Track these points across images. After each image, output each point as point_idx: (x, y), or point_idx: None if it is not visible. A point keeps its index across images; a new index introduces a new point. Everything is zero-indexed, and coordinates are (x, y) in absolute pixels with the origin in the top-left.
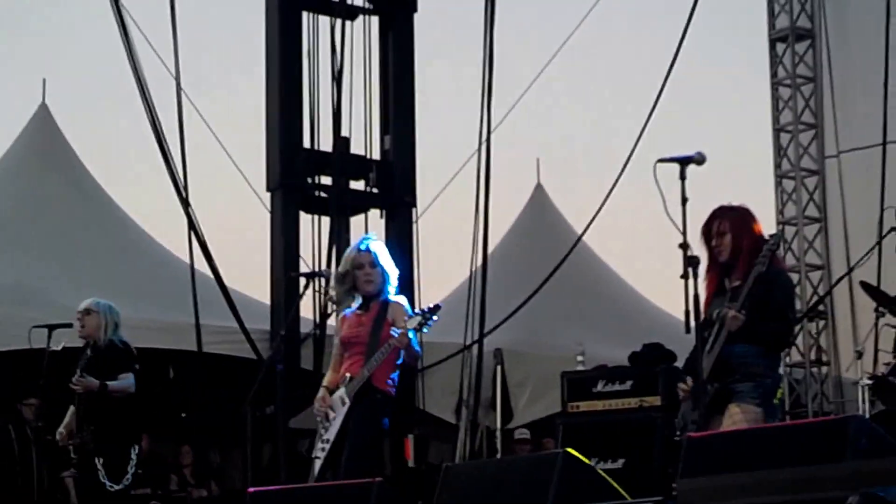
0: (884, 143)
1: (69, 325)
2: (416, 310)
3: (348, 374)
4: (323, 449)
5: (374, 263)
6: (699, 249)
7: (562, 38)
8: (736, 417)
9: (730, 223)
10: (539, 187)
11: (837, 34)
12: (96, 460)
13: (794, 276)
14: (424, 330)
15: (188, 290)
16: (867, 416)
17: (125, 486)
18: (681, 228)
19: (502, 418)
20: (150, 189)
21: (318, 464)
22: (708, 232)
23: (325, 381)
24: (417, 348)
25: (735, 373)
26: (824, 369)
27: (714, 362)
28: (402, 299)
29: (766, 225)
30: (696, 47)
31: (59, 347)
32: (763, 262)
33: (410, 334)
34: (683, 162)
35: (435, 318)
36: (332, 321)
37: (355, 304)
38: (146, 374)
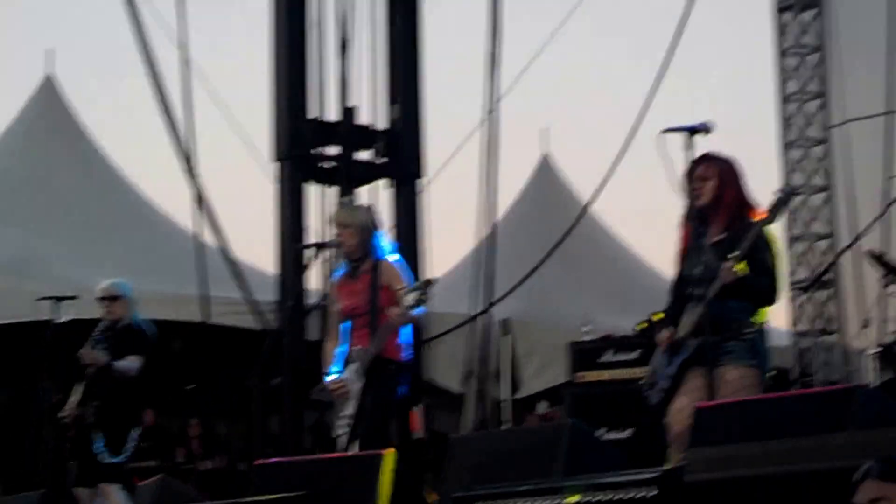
0: (889, 112)
1: (75, 298)
2: (412, 284)
3: (359, 347)
4: (346, 426)
5: (344, 223)
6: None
7: (570, 6)
8: (735, 384)
9: (717, 170)
10: (546, 157)
11: (843, 4)
12: (92, 434)
13: (802, 245)
14: (422, 308)
15: (194, 261)
16: (876, 384)
17: (121, 461)
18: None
19: (511, 389)
20: (156, 160)
21: (342, 441)
22: (691, 174)
23: (326, 357)
24: (415, 314)
25: (726, 329)
26: (832, 338)
27: (702, 317)
28: (394, 257)
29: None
30: (703, 16)
31: (67, 319)
32: (772, 216)
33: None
34: (690, 132)
35: (430, 292)
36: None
37: (341, 268)
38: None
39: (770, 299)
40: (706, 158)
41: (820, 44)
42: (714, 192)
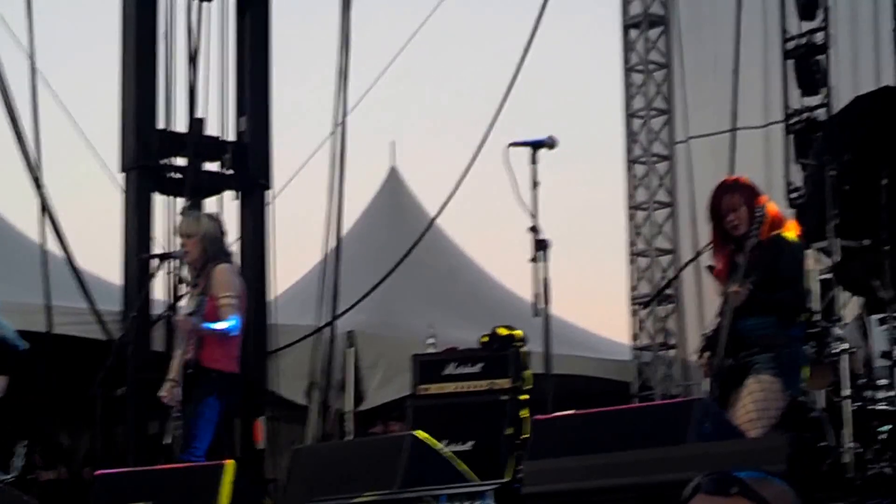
0: (732, 130)
1: None
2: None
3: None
4: (176, 428)
5: (187, 233)
6: (553, 231)
7: (418, 22)
8: (752, 388)
9: (742, 196)
10: (393, 170)
11: (689, 21)
12: None
13: (644, 261)
14: (229, 323)
15: (39, 270)
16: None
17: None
18: (531, 212)
19: (354, 401)
20: (1, 168)
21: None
22: (718, 208)
23: (172, 363)
24: (213, 327)
25: (753, 346)
26: (672, 352)
27: (728, 337)
28: (221, 266)
29: (616, 209)
30: (551, 32)
31: None
32: (754, 233)
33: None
34: (535, 146)
35: (202, 306)
36: (184, 302)
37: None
38: None
39: (792, 310)
40: (728, 188)
41: (666, 61)
42: (748, 216)
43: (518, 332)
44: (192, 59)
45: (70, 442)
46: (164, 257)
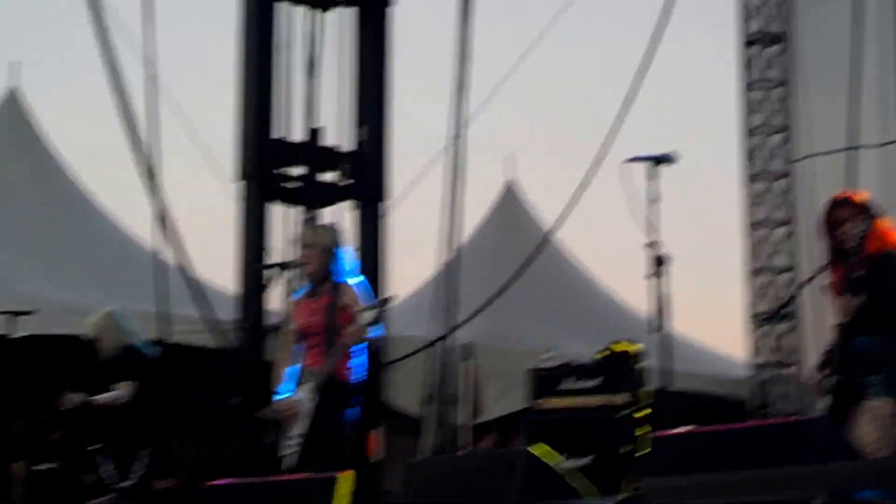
0: (853, 147)
1: (31, 313)
2: (370, 303)
3: (312, 366)
4: (294, 446)
5: (308, 244)
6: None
7: (536, 35)
8: (871, 414)
9: (852, 211)
10: (511, 183)
11: (809, 38)
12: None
13: (763, 278)
14: (380, 328)
15: (153, 278)
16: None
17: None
18: (650, 227)
19: (470, 414)
20: (119, 175)
21: (288, 461)
22: (830, 222)
23: (277, 376)
24: (375, 334)
25: (862, 365)
26: (790, 371)
27: (840, 354)
28: (356, 280)
29: (734, 226)
30: (670, 48)
31: (23, 335)
32: (858, 248)
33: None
34: (655, 161)
35: (388, 310)
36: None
37: (303, 287)
38: None
39: None
40: (839, 203)
41: (785, 78)
42: (857, 233)
43: (635, 348)
44: (311, 68)
45: (182, 451)
46: (280, 267)
